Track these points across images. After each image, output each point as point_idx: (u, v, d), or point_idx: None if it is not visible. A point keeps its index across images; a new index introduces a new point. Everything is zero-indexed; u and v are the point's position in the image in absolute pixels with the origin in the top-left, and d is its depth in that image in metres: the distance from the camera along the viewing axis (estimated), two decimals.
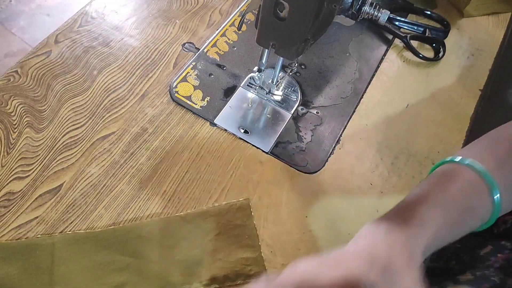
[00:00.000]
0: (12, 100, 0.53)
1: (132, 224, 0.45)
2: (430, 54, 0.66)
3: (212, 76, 0.58)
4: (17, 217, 0.45)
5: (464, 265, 0.51)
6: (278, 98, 0.57)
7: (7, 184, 0.47)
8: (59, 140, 0.51)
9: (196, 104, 0.55)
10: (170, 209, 0.47)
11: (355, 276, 0.28)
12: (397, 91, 0.61)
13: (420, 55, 0.64)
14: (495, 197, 0.34)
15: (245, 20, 0.65)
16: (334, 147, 0.55)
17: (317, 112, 0.57)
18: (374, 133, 0.57)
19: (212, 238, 0.45)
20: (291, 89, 0.59)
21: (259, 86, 0.57)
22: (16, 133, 0.50)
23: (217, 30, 0.63)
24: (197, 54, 0.60)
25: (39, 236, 0.44)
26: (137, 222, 0.45)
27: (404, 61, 0.65)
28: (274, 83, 0.56)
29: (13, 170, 0.48)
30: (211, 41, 0.61)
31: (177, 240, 0.45)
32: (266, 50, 0.50)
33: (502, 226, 0.51)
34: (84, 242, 0.43)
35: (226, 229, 0.46)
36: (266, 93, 0.57)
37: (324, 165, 0.53)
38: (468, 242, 0.53)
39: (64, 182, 0.48)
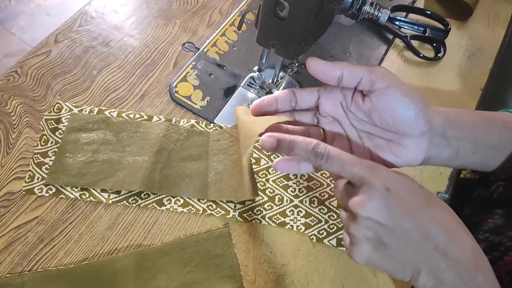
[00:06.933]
0: (12, 100, 0.53)
1: (107, 258, 0.43)
2: (430, 53, 0.65)
3: (212, 76, 0.58)
4: (16, 217, 0.45)
5: None
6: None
7: (7, 184, 0.47)
8: None
9: (196, 104, 0.55)
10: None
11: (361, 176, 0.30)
12: None
13: (421, 55, 0.64)
14: None
15: (245, 19, 0.65)
16: None
17: None
18: None
19: (191, 269, 0.44)
20: (291, 88, 0.58)
21: (259, 86, 0.57)
22: (16, 133, 0.50)
23: (217, 29, 0.63)
24: (197, 54, 0.60)
25: (8, 275, 0.42)
26: (112, 256, 0.44)
27: (404, 61, 0.65)
28: (274, 83, 0.55)
29: (13, 170, 0.48)
30: (211, 40, 0.61)
31: (154, 273, 0.43)
32: (266, 50, 0.50)
33: (495, 193, 0.51)
34: (56, 280, 0.41)
35: (206, 259, 0.44)
36: (266, 93, 0.57)
37: None
38: (465, 212, 0.54)
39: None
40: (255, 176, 0.50)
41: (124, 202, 0.47)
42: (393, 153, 0.36)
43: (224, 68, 0.59)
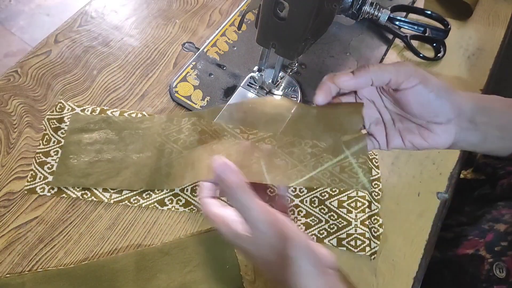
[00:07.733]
0: (12, 100, 0.53)
1: (107, 258, 0.43)
2: (430, 53, 0.65)
3: (212, 76, 0.58)
4: (17, 217, 0.45)
5: (462, 224, 0.52)
6: (278, 98, 0.57)
7: (7, 184, 0.47)
8: None
9: (196, 104, 0.55)
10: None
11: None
12: None
13: (421, 55, 0.64)
14: None
15: (245, 19, 0.65)
16: None
17: None
18: None
19: (191, 269, 0.43)
20: (291, 89, 0.58)
21: (259, 86, 0.57)
22: (16, 133, 0.50)
23: (217, 29, 0.63)
24: (197, 54, 0.60)
25: (8, 275, 0.42)
26: (112, 256, 0.44)
27: (404, 61, 0.65)
28: (274, 83, 0.55)
29: (13, 170, 0.48)
30: (211, 40, 0.61)
31: (154, 273, 0.43)
32: (266, 50, 0.50)
33: (499, 188, 0.52)
34: (56, 280, 0.41)
35: (206, 259, 0.44)
36: (266, 93, 0.57)
37: None
38: (465, 211, 0.55)
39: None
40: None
41: (126, 201, 0.47)
42: (421, 137, 0.37)
43: (224, 68, 0.59)
